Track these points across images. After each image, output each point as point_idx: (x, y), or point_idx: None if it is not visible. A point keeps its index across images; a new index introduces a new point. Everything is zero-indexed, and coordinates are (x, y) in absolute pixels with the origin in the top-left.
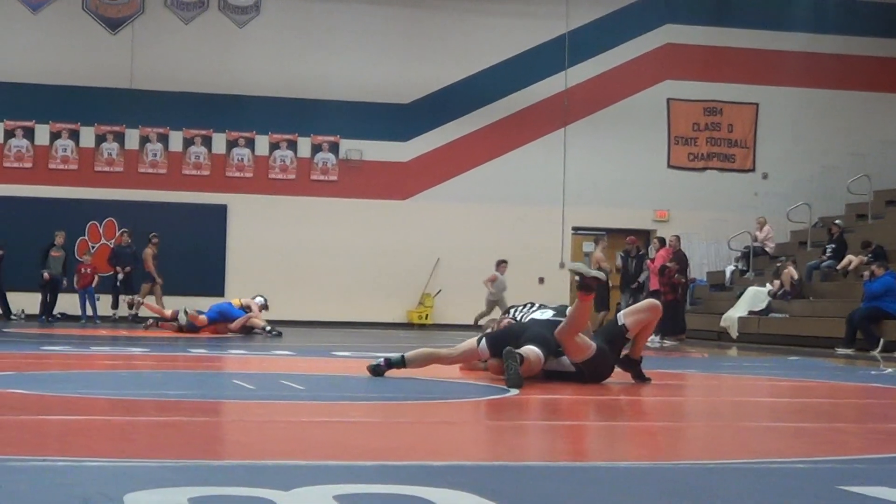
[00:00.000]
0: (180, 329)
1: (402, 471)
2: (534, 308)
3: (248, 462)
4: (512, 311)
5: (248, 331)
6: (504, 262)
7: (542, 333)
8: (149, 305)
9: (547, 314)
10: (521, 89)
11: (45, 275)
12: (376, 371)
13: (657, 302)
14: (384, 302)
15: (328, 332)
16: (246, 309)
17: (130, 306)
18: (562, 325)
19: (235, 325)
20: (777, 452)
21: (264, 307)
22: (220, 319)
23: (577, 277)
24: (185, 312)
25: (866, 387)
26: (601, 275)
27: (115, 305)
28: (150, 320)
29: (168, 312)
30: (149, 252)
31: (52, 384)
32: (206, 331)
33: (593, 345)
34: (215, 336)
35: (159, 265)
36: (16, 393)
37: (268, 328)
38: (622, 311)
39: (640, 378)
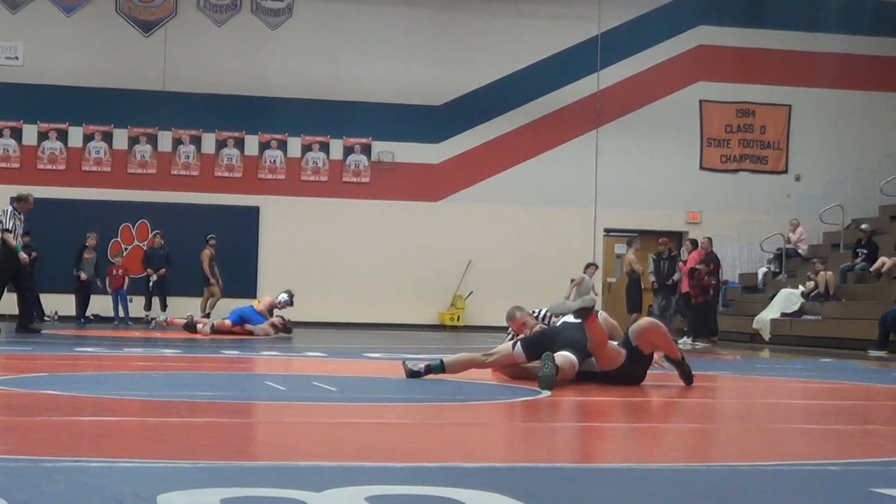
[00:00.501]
0: (188, 329)
1: (434, 472)
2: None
3: (281, 463)
4: (537, 311)
5: (287, 329)
6: (593, 265)
7: (575, 337)
8: (173, 321)
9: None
10: (554, 91)
11: (82, 276)
12: (411, 375)
13: (654, 321)
14: (416, 304)
15: (360, 333)
16: (263, 314)
17: (155, 327)
18: (589, 342)
19: (259, 331)
20: (809, 454)
21: (288, 304)
22: (241, 323)
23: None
24: (212, 326)
25: None
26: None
27: (147, 307)
28: (162, 318)
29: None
30: (206, 254)
31: (85, 385)
32: (232, 333)
33: (623, 351)
34: (245, 338)
35: (219, 267)
36: (49, 394)
37: (273, 334)
38: (630, 330)
39: (686, 377)
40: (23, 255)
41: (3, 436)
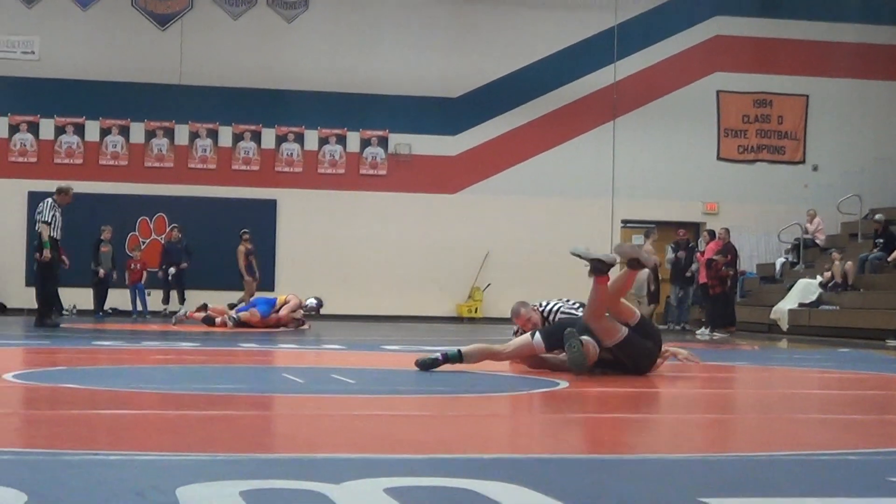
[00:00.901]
0: (206, 322)
1: (453, 464)
2: (567, 302)
3: (300, 455)
4: (542, 304)
5: (298, 323)
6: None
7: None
8: (192, 315)
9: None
10: (571, 82)
11: (100, 272)
12: (427, 365)
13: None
14: (433, 296)
15: (378, 326)
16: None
17: (176, 321)
18: (585, 310)
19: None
20: (827, 444)
21: (314, 309)
22: (270, 311)
23: (584, 263)
24: (235, 320)
25: None
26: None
27: (165, 301)
28: (182, 313)
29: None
30: (240, 249)
31: (103, 379)
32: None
33: (624, 328)
34: (264, 331)
35: (257, 260)
36: (68, 388)
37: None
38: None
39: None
40: (46, 253)
41: (22, 429)
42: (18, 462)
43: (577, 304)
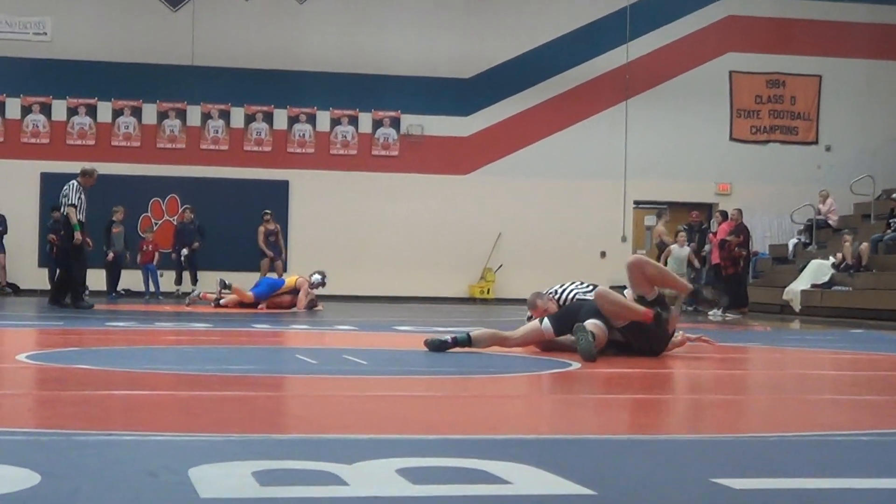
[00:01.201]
0: (218, 304)
1: (465, 444)
2: (582, 285)
3: (312, 436)
4: (556, 289)
5: (311, 304)
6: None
7: (598, 309)
8: (206, 296)
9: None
10: (583, 63)
11: (110, 255)
12: (437, 346)
13: (636, 257)
14: (446, 277)
15: (390, 307)
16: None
17: (190, 302)
18: (610, 307)
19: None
20: (840, 425)
21: (320, 284)
22: (270, 293)
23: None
24: (225, 285)
25: None
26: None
27: (178, 282)
28: (195, 294)
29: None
30: (260, 230)
31: (116, 360)
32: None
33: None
34: (276, 311)
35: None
36: (82, 368)
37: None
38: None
39: (709, 302)
40: (77, 236)
41: (36, 410)
42: (32, 443)
43: (591, 287)
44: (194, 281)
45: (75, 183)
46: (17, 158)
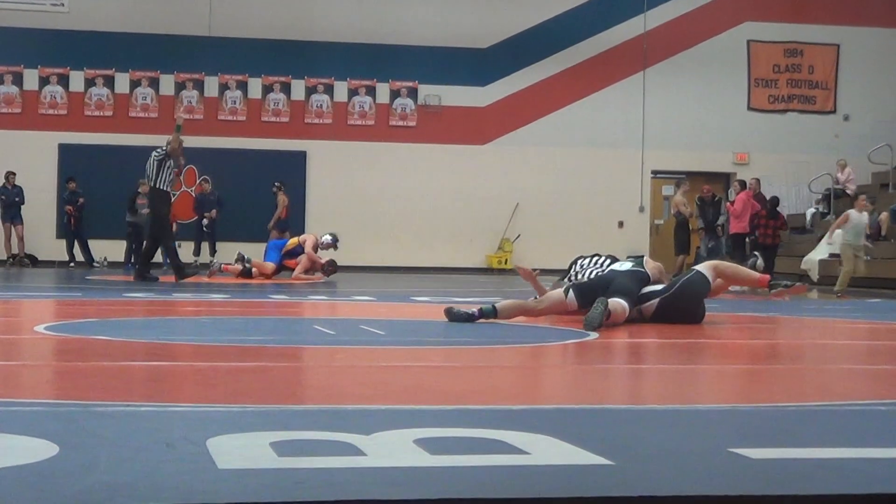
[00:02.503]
0: (243, 274)
1: (483, 414)
2: (606, 260)
3: (330, 406)
4: (580, 262)
5: (329, 271)
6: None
7: (627, 285)
8: (227, 268)
9: (626, 265)
10: (600, 32)
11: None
12: (463, 318)
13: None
14: (463, 247)
15: (407, 277)
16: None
17: (210, 274)
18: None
19: (296, 274)
20: (858, 395)
21: (331, 245)
22: (280, 255)
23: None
24: (246, 260)
25: None
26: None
27: (196, 252)
28: (216, 265)
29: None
30: (285, 200)
31: (135, 331)
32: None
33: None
34: (289, 281)
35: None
36: (100, 339)
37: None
38: (709, 267)
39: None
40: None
41: (54, 381)
42: (50, 413)
43: (609, 262)
44: (213, 252)
45: (163, 151)
46: (35, 129)
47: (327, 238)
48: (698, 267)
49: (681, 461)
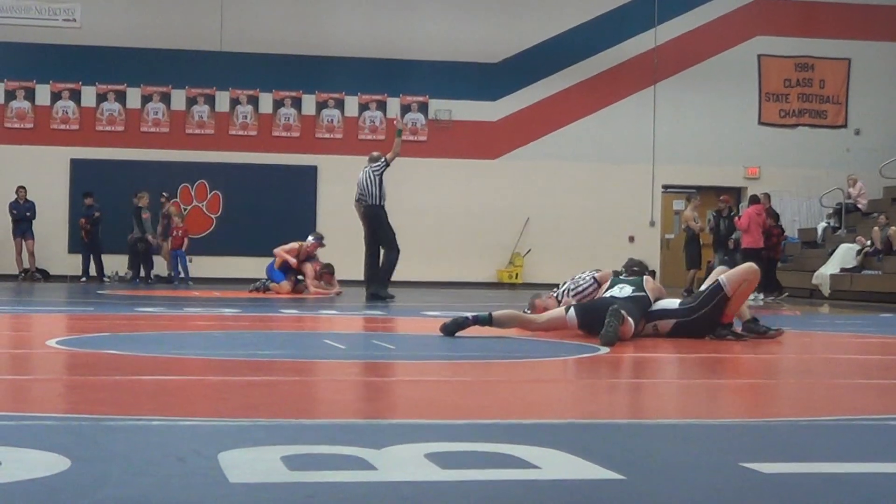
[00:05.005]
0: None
1: (494, 429)
2: (584, 277)
3: (340, 421)
4: (567, 284)
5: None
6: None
7: (626, 306)
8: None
9: (626, 290)
10: (611, 47)
11: (150, 238)
12: (456, 326)
13: (755, 266)
14: (474, 261)
15: (418, 291)
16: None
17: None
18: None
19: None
20: (869, 409)
21: (318, 245)
22: (281, 269)
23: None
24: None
25: None
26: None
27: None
28: (260, 282)
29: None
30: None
31: (146, 345)
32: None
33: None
34: (302, 296)
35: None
36: (112, 353)
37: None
38: (724, 276)
39: (761, 334)
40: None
41: (66, 395)
42: (61, 427)
43: (594, 279)
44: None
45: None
46: (47, 144)
47: (309, 239)
48: (721, 279)
49: (692, 476)
